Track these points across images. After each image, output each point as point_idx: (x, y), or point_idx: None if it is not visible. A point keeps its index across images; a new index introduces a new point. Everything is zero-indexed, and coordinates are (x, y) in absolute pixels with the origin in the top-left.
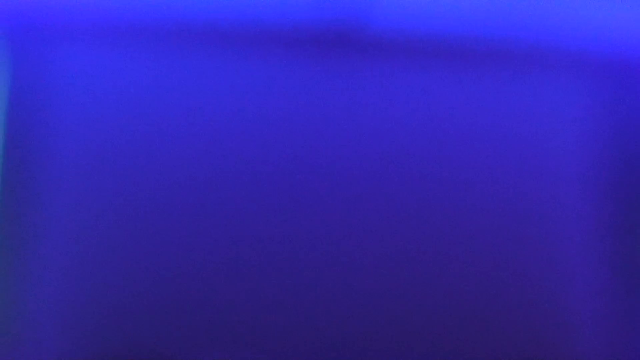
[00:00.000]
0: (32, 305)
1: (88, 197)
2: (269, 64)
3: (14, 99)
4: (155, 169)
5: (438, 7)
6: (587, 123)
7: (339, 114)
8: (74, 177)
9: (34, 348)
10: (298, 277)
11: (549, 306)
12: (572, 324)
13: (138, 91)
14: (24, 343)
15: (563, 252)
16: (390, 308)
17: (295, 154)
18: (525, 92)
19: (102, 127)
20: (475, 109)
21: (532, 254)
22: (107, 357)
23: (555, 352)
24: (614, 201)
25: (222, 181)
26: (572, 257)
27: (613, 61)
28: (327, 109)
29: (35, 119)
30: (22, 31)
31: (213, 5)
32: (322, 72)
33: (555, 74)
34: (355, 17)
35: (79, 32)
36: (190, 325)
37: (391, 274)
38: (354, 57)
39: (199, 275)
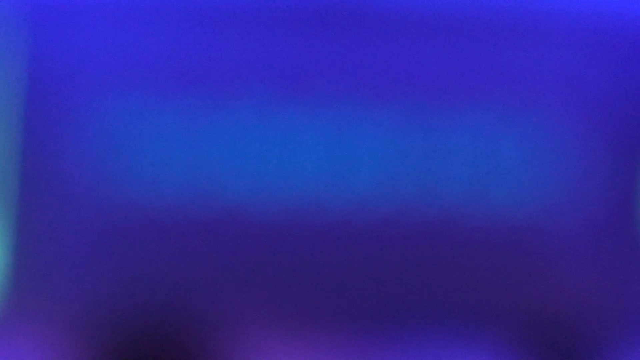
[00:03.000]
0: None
1: (107, 172)
2: (276, 37)
3: (33, 76)
4: (172, 138)
5: None
6: (594, 91)
7: (347, 86)
8: (93, 151)
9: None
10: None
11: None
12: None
13: (158, 67)
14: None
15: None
16: (396, 259)
17: (303, 124)
18: (536, 61)
19: (122, 105)
20: (483, 78)
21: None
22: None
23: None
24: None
25: (234, 148)
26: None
27: (623, 29)
28: (335, 81)
29: (54, 97)
30: (41, 9)
31: None
32: (329, 45)
33: (565, 41)
34: None
35: (98, 9)
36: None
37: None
38: (361, 29)
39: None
